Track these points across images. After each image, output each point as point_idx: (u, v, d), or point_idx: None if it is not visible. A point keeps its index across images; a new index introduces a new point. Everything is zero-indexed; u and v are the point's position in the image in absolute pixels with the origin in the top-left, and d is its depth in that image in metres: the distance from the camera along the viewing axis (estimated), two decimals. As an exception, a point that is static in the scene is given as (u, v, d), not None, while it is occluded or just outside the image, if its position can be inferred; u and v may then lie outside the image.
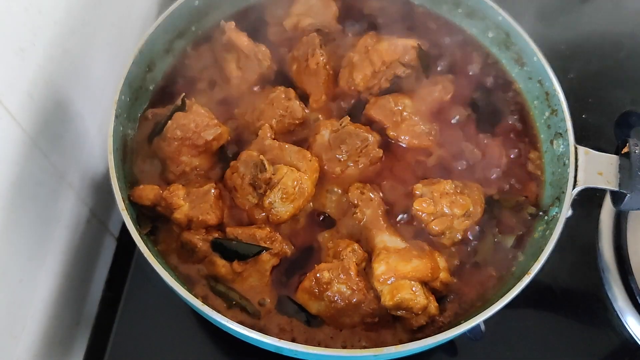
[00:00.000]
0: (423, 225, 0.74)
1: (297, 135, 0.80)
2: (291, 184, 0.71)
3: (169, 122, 0.74)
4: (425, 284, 0.70)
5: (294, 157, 0.74)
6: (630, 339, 0.82)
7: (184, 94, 0.76)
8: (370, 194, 0.75)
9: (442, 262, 0.72)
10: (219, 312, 0.63)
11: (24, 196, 0.67)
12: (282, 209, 0.72)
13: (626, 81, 1.02)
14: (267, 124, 0.77)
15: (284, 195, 0.71)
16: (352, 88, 0.84)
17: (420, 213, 0.74)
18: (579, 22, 1.09)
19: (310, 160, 0.74)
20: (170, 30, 0.83)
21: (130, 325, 0.80)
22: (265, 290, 0.71)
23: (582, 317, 0.83)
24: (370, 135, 0.77)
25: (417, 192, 0.74)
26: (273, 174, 0.72)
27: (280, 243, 0.71)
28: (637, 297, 0.81)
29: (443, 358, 0.79)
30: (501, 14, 0.85)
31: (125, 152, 0.76)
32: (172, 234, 0.73)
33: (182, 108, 0.75)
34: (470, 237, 0.75)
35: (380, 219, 0.74)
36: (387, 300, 0.68)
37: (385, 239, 0.72)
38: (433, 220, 0.73)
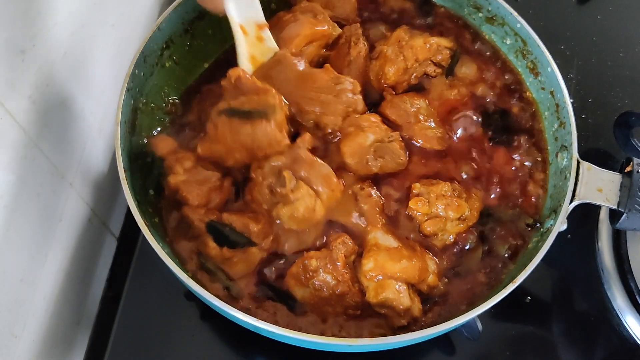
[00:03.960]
0: (417, 224, 0.74)
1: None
2: (303, 210, 0.71)
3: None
4: (411, 285, 0.70)
5: (319, 181, 0.72)
6: (630, 339, 0.82)
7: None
8: (371, 190, 0.75)
9: (432, 265, 0.72)
10: (205, 288, 0.64)
11: (25, 196, 0.68)
12: (286, 225, 0.73)
13: (626, 81, 1.02)
14: (308, 134, 0.74)
15: (293, 217, 0.72)
16: (382, 82, 0.83)
17: (415, 212, 0.74)
18: (578, 22, 1.09)
19: (333, 190, 0.72)
20: (191, 11, 0.83)
21: (131, 324, 0.80)
22: (251, 278, 0.72)
23: (582, 317, 0.83)
24: (405, 158, 0.78)
25: (415, 191, 0.75)
26: (292, 191, 0.71)
27: (272, 242, 0.72)
28: (637, 297, 0.81)
29: (440, 357, 0.80)
30: (520, 22, 0.85)
31: (134, 125, 0.77)
32: (172, 211, 0.75)
33: None
34: (463, 242, 0.75)
35: (377, 215, 0.74)
36: (371, 297, 0.69)
37: (378, 236, 0.72)
38: (426, 220, 0.74)
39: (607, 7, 1.10)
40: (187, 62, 0.86)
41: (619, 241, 0.85)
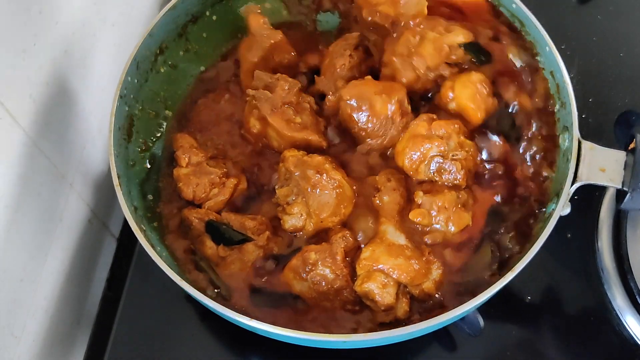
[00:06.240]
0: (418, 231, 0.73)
1: None
2: (289, 226, 0.73)
3: None
4: (403, 286, 0.69)
5: (316, 205, 0.72)
6: (630, 339, 0.81)
7: None
8: (397, 184, 0.74)
9: (435, 273, 0.70)
10: (199, 291, 0.64)
11: (25, 196, 0.68)
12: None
13: (626, 81, 1.02)
14: (320, 158, 0.74)
15: (283, 223, 0.73)
16: None
17: (415, 224, 0.73)
18: (578, 22, 1.09)
19: (322, 222, 0.72)
20: (183, 15, 0.83)
21: (131, 325, 0.80)
22: (244, 280, 0.72)
23: (581, 317, 0.83)
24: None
25: (417, 200, 0.73)
26: (287, 204, 0.73)
27: (268, 240, 0.73)
28: (637, 297, 0.80)
29: (441, 353, 0.79)
30: (515, 2, 0.82)
31: (131, 132, 0.77)
32: (172, 212, 0.76)
33: None
34: (465, 246, 0.74)
35: (395, 211, 0.73)
36: (357, 286, 0.69)
37: (389, 230, 0.71)
38: (427, 231, 0.73)
39: (607, 7, 1.10)
40: (184, 66, 0.86)
41: (619, 241, 0.85)
